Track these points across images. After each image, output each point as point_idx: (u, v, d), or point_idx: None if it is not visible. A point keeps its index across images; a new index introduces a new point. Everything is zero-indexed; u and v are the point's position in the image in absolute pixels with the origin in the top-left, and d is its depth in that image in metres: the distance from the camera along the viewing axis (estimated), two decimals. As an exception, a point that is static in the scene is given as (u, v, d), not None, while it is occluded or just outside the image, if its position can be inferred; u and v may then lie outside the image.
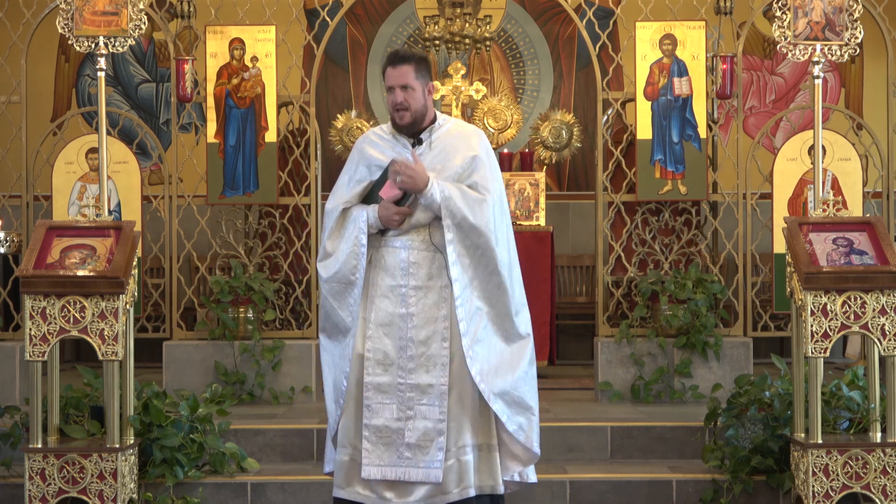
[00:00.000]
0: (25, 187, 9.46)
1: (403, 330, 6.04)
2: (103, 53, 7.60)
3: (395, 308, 6.04)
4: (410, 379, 6.01)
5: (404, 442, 5.98)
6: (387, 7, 12.51)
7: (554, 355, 10.53)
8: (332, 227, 6.13)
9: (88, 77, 12.21)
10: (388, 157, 6.11)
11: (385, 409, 6.02)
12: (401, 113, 6.07)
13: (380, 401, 6.02)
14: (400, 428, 5.99)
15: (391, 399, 6.02)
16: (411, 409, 6.00)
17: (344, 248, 6.08)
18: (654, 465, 7.79)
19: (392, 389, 6.02)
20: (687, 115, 9.34)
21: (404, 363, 6.02)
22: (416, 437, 5.98)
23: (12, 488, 7.34)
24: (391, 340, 6.04)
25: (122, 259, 6.88)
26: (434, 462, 5.97)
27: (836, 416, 7.23)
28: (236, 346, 9.15)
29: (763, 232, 9.60)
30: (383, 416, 6.01)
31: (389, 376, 6.02)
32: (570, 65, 12.47)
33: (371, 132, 6.31)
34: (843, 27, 7.60)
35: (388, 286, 6.06)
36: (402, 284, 6.05)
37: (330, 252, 6.10)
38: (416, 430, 5.99)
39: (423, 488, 5.99)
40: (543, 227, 10.61)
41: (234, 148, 9.41)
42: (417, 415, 6.00)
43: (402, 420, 6.00)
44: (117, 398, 6.92)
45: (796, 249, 6.96)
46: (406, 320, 6.04)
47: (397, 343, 6.03)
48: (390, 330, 6.04)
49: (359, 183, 6.16)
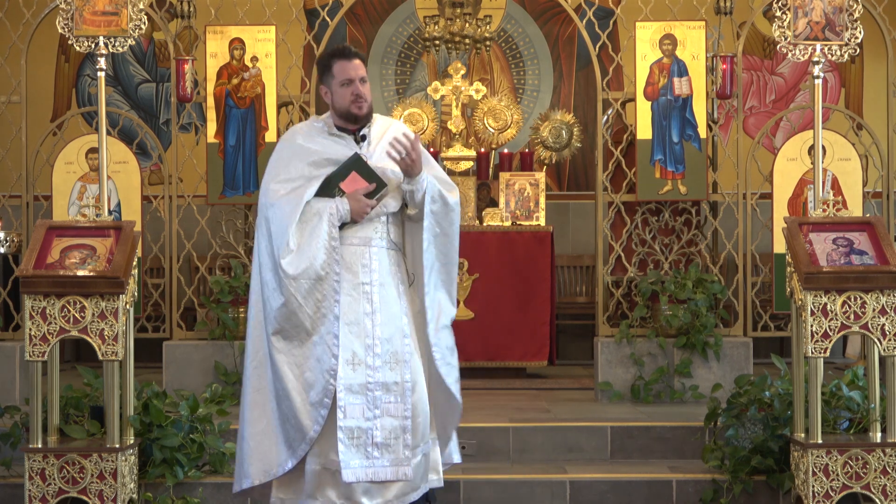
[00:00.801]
0: (25, 187, 9.46)
1: (369, 328, 6.02)
2: (103, 53, 7.60)
3: (360, 306, 6.02)
4: (377, 377, 6.00)
5: (372, 441, 5.96)
6: (387, 7, 12.51)
7: (554, 355, 10.53)
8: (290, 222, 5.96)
9: (88, 77, 12.21)
10: (333, 151, 6.08)
11: (356, 409, 5.99)
12: (360, 103, 6.08)
13: (351, 401, 5.98)
14: (369, 427, 5.97)
15: (361, 399, 5.99)
16: (378, 408, 5.99)
17: (314, 243, 5.96)
18: (654, 465, 7.79)
19: (362, 389, 5.99)
20: (687, 115, 9.34)
21: (371, 361, 6.00)
22: (384, 435, 5.97)
23: (12, 488, 7.33)
24: (358, 339, 6.00)
25: (122, 259, 6.87)
26: (402, 459, 5.97)
27: (836, 416, 7.23)
28: (236, 346, 9.15)
29: (763, 232, 9.60)
30: (354, 416, 5.98)
31: (359, 376, 5.99)
32: (570, 65, 12.47)
33: (299, 127, 6.26)
34: (843, 27, 7.60)
35: (351, 284, 6.03)
36: (364, 282, 6.03)
37: (293, 248, 5.96)
38: (384, 428, 5.98)
39: (395, 486, 5.99)
40: (543, 227, 10.60)
41: (234, 148, 9.41)
42: (384, 413, 5.99)
43: (370, 419, 5.98)
44: (117, 398, 6.92)
45: (796, 249, 6.96)
46: (371, 318, 6.02)
47: (364, 342, 6.01)
48: (357, 328, 6.01)
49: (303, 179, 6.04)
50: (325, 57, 6.19)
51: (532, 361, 10.36)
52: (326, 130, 6.16)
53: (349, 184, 6.05)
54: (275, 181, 6.07)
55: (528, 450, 7.93)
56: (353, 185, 6.05)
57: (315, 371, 5.97)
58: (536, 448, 7.97)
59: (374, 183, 6.05)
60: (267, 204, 6.04)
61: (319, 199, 6.02)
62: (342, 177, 6.06)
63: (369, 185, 6.05)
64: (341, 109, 6.12)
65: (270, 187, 6.06)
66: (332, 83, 6.12)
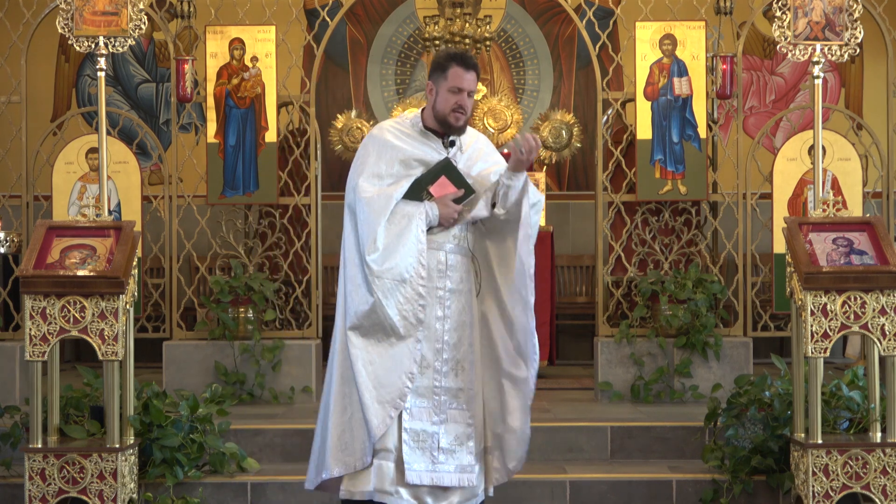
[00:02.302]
0: (25, 187, 9.46)
1: (439, 333, 6.02)
2: (103, 53, 7.60)
3: (432, 310, 6.01)
4: (444, 382, 6.01)
5: (438, 446, 5.98)
6: (387, 7, 12.51)
7: (554, 355, 10.53)
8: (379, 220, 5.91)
9: (88, 77, 12.21)
10: (423, 152, 6.04)
11: (423, 412, 5.99)
12: (459, 116, 6.01)
13: (418, 404, 5.99)
14: (435, 431, 5.99)
15: (427, 402, 6.00)
16: (444, 413, 6.00)
17: (402, 245, 5.92)
18: (654, 465, 7.79)
19: (428, 393, 6.00)
20: (687, 115, 9.34)
21: (439, 366, 6.01)
22: (449, 440, 5.99)
23: (12, 488, 7.34)
24: (428, 343, 6.00)
25: (122, 259, 6.88)
26: (466, 466, 5.99)
27: (836, 416, 7.23)
28: (236, 346, 9.15)
29: (763, 232, 9.60)
30: (421, 419, 5.99)
31: (426, 380, 6.00)
32: (570, 65, 12.47)
33: (388, 125, 6.18)
34: (843, 27, 7.60)
35: (426, 288, 6.00)
36: (439, 287, 6.02)
37: (380, 246, 5.91)
38: (449, 433, 5.99)
39: (458, 493, 6.01)
40: (543, 227, 10.59)
41: (234, 148, 9.41)
42: (450, 418, 6.01)
43: (437, 424, 5.99)
44: (117, 398, 6.92)
45: (796, 249, 6.96)
46: (442, 323, 6.02)
47: (434, 346, 6.01)
48: (428, 332, 6.00)
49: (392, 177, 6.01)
50: (445, 57, 6.08)
51: (532, 361, 10.34)
52: (416, 128, 6.10)
53: (438, 188, 6.01)
54: (363, 177, 6.00)
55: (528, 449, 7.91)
56: (442, 189, 6.01)
57: (390, 371, 5.94)
58: (536, 448, 7.93)
59: (464, 189, 6.02)
60: (356, 199, 5.98)
61: (409, 202, 5.97)
62: (431, 180, 6.01)
63: (458, 191, 6.02)
64: (440, 113, 6.04)
65: (360, 183, 6.00)
66: (442, 84, 6.03)
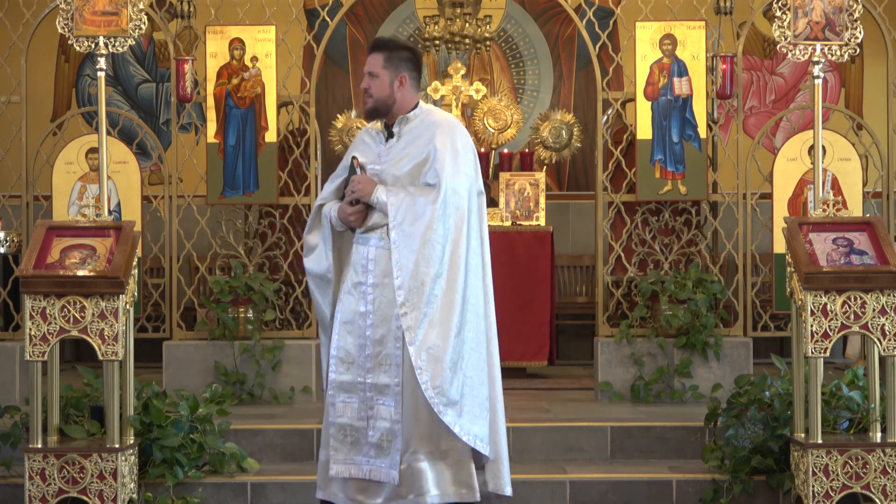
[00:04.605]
0: (25, 187, 9.46)
1: (362, 328, 6.04)
2: (103, 53, 7.60)
3: (357, 305, 6.06)
4: (369, 378, 6.02)
5: (368, 441, 6.00)
6: (387, 7, 12.50)
7: (554, 355, 10.53)
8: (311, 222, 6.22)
9: (88, 77, 12.20)
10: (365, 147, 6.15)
11: (348, 407, 6.03)
12: (364, 98, 6.10)
13: (343, 399, 6.04)
14: (363, 427, 6.01)
15: (353, 398, 6.03)
16: (371, 409, 6.01)
17: (319, 244, 6.16)
18: (654, 465, 7.79)
19: (354, 388, 6.03)
20: (687, 115, 9.34)
21: (363, 362, 6.03)
22: (377, 436, 5.99)
23: (12, 488, 7.33)
24: (352, 338, 6.05)
25: (122, 259, 6.88)
26: (393, 463, 5.97)
27: (836, 416, 7.23)
28: (236, 346, 9.15)
29: (763, 232, 9.60)
30: (347, 414, 6.03)
31: (351, 375, 6.04)
32: (570, 65, 12.46)
33: (364, 129, 6.31)
34: (843, 27, 7.60)
35: (352, 283, 6.09)
36: (363, 281, 6.06)
37: (311, 246, 6.18)
38: (377, 429, 6.00)
39: (385, 488, 5.99)
40: (543, 227, 10.60)
41: (234, 148, 9.41)
42: (377, 414, 6.01)
43: (363, 419, 6.01)
44: (117, 398, 6.92)
45: (796, 249, 6.96)
46: (365, 318, 6.04)
47: (357, 341, 6.04)
48: (352, 328, 6.06)
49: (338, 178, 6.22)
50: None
51: (532, 361, 10.36)
52: (378, 129, 6.22)
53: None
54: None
55: (527, 450, 7.93)
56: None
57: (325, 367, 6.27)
58: (536, 448, 7.97)
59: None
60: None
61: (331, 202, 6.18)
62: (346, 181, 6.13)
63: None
64: None
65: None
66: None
